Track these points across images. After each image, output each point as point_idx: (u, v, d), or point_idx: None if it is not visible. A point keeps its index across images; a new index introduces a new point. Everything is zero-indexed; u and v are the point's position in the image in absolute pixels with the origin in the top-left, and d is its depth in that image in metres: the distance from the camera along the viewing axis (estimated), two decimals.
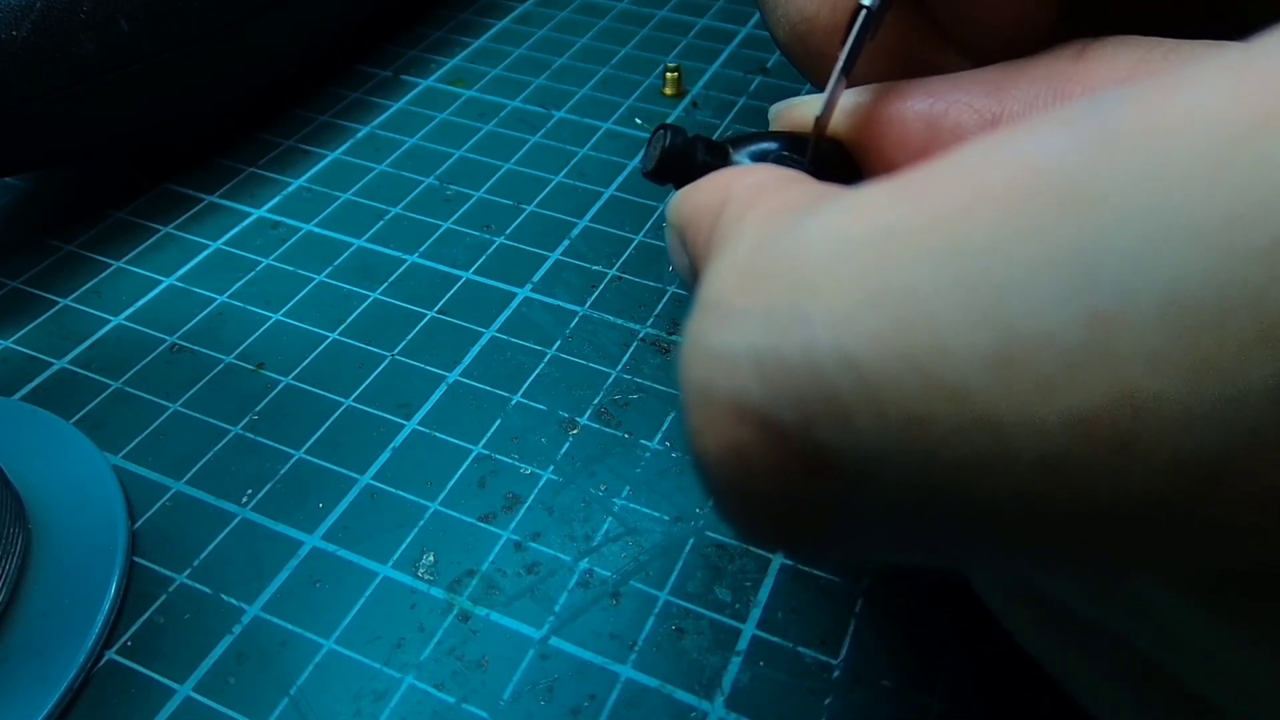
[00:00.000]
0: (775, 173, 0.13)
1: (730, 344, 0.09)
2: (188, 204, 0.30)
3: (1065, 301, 0.07)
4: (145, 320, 0.26)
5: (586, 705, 0.18)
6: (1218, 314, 0.06)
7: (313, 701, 0.18)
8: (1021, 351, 0.07)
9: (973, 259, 0.07)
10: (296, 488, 0.22)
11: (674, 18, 0.40)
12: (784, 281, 0.08)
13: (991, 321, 0.07)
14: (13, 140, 0.26)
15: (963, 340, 0.07)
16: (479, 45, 0.38)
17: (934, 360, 0.07)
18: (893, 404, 0.08)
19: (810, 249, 0.08)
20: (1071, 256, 0.07)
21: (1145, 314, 0.07)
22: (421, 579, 0.20)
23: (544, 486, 0.22)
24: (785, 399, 0.08)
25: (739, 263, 0.09)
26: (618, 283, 0.27)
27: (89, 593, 0.19)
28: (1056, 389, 0.07)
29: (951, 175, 0.08)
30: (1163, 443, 0.07)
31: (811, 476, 0.08)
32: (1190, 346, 0.07)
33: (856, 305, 0.08)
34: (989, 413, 0.07)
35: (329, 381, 0.24)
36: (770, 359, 0.08)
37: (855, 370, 0.08)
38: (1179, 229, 0.07)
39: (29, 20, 0.25)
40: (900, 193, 0.08)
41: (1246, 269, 0.06)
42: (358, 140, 0.33)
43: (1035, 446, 0.07)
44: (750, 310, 0.09)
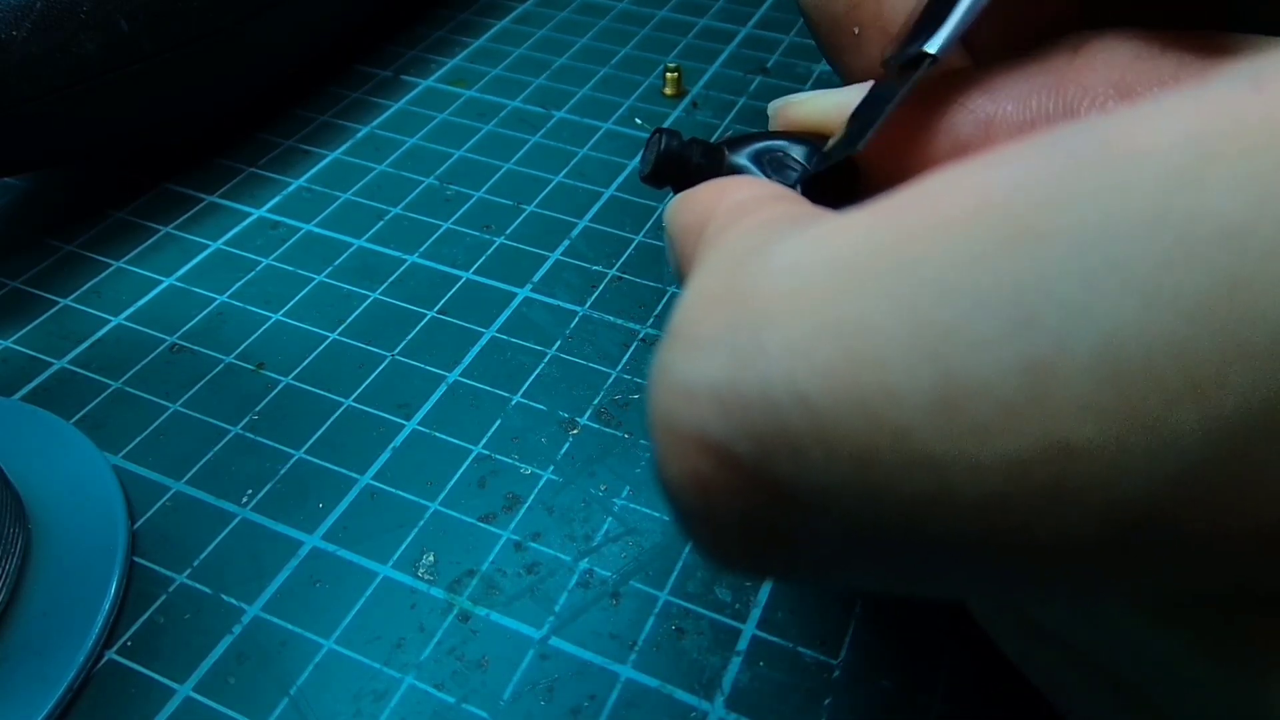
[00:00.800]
0: (760, 190, 0.13)
1: (692, 375, 0.09)
2: (188, 204, 0.30)
3: (1004, 345, 0.07)
4: (145, 320, 0.26)
5: (586, 705, 0.18)
6: (1146, 365, 0.07)
7: (313, 701, 0.18)
8: (961, 396, 0.07)
9: (919, 294, 0.08)
10: (296, 488, 0.22)
11: (674, 18, 0.40)
12: (745, 311, 0.09)
13: (933, 362, 0.07)
14: (13, 140, 0.26)
15: (906, 381, 0.07)
16: (479, 45, 0.38)
17: (878, 399, 0.07)
18: (841, 441, 0.08)
19: (772, 277, 0.09)
20: (1012, 298, 0.07)
21: (1079, 362, 0.07)
22: (421, 579, 0.20)
23: (544, 486, 0.22)
24: (742, 432, 0.08)
25: (707, 289, 0.09)
26: (618, 283, 0.27)
27: (89, 593, 0.19)
28: (994, 434, 0.07)
29: (910, 205, 0.08)
30: (1095, 488, 0.07)
31: (769, 506, 0.09)
32: (1121, 396, 0.07)
33: (810, 337, 0.08)
34: (930, 454, 0.07)
35: (329, 381, 0.24)
36: (728, 392, 0.08)
37: (806, 406, 0.08)
38: (1114, 274, 0.07)
39: (29, 20, 0.25)
40: (862, 221, 0.08)
41: (1174, 320, 0.07)
42: (358, 140, 0.33)
43: (974, 488, 0.07)
44: (712, 341, 0.09)
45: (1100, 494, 0.07)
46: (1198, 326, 0.07)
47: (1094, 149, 0.07)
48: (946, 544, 0.08)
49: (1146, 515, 0.07)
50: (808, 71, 0.36)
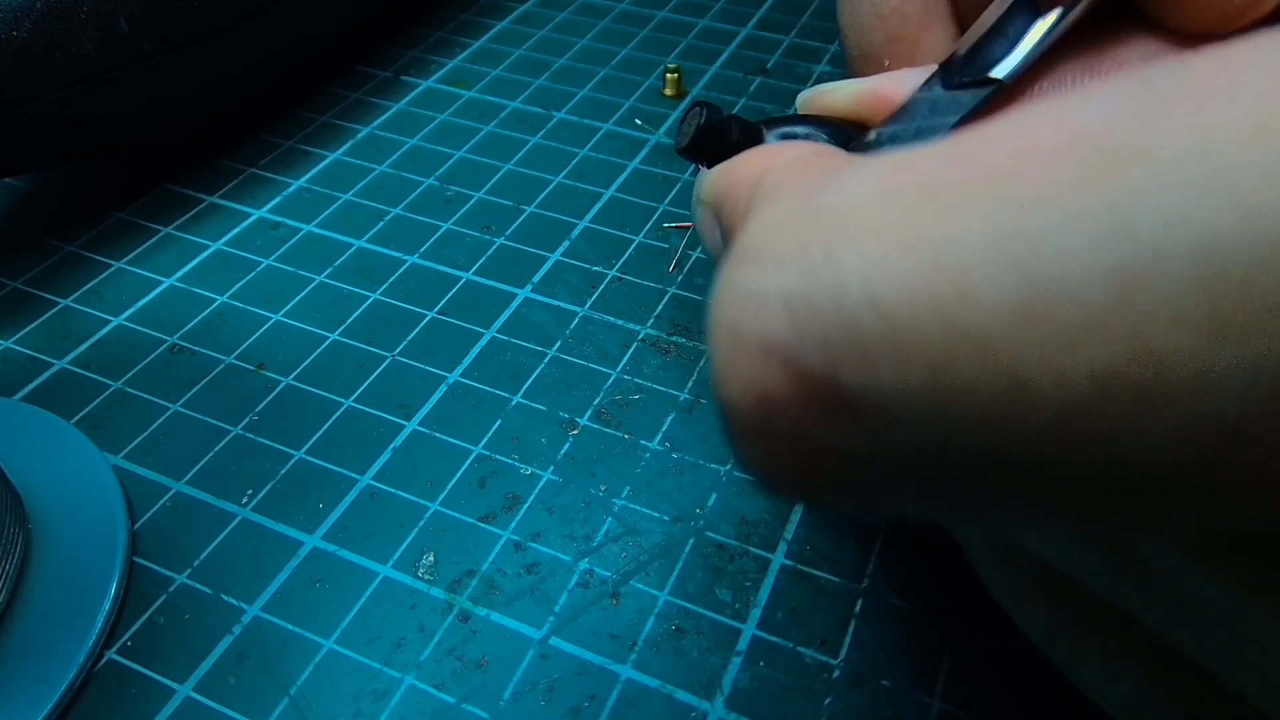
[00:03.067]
0: (814, 148, 0.13)
1: (761, 286, 0.09)
2: (188, 204, 0.30)
3: (1095, 255, 0.07)
4: (145, 320, 0.26)
5: (586, 705, 0.18)
6: (1246, 275, 0.06)
7: (313, 701, 0.18)
8: (1047, 303, 0.07)
9: (1009, 210, 0.07)
10: (296, 488, 0.22)
11: (674, 18, 0.40)
12: (819, 227, 0.08)
13: (1021, 272, 0.07)
14: (13, 140, 0.26)
15: (990, 289, 0.07)
16: (479, 46, 0.38)
17: (960, 308, 0.07)
18: (916, 349, 0.08)
19: (848, 197, 0.08)
20: (1106, 210, 0.07)
21: (1172, 272, 0.07)
22: (421, 579, 0.20)
23: (544, 487, 0.22)
24: (812, 341, 0.08)
25: (777, 214, 0.09)
26: (618, 283, 0.27)
27: (89, 593, 0.19)
28: (1079, 343, 0.07)
29: (997, 136, 0.08)
30: (1182, 401, 0.07)
31: (834, 420, 0.08)
32: (1217, 307, 0.07)
33: (889, 250, 0.08)
34: (1011, 363, 0.07)
35: (329, 382, 0.24)
36: (800, 301, 0.08)
37: (882, 314, 0.08)
38: (1215, 187, 0.07)
39: (29, 20, 0.25)
40: (945, 151, 0.08)
41: (1267, 238, 0.06)
42: (358, 141, 0.33)
43: (1055, 400, 0.07)
44: (784, 254, 0.09)
45: (1188, 408, 0.07)
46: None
47: (1184, 82, 0.07)
48: (1015, 464, 0.08)
49: (1234, 434, 0.07)
50: (808, 72, 0.36)
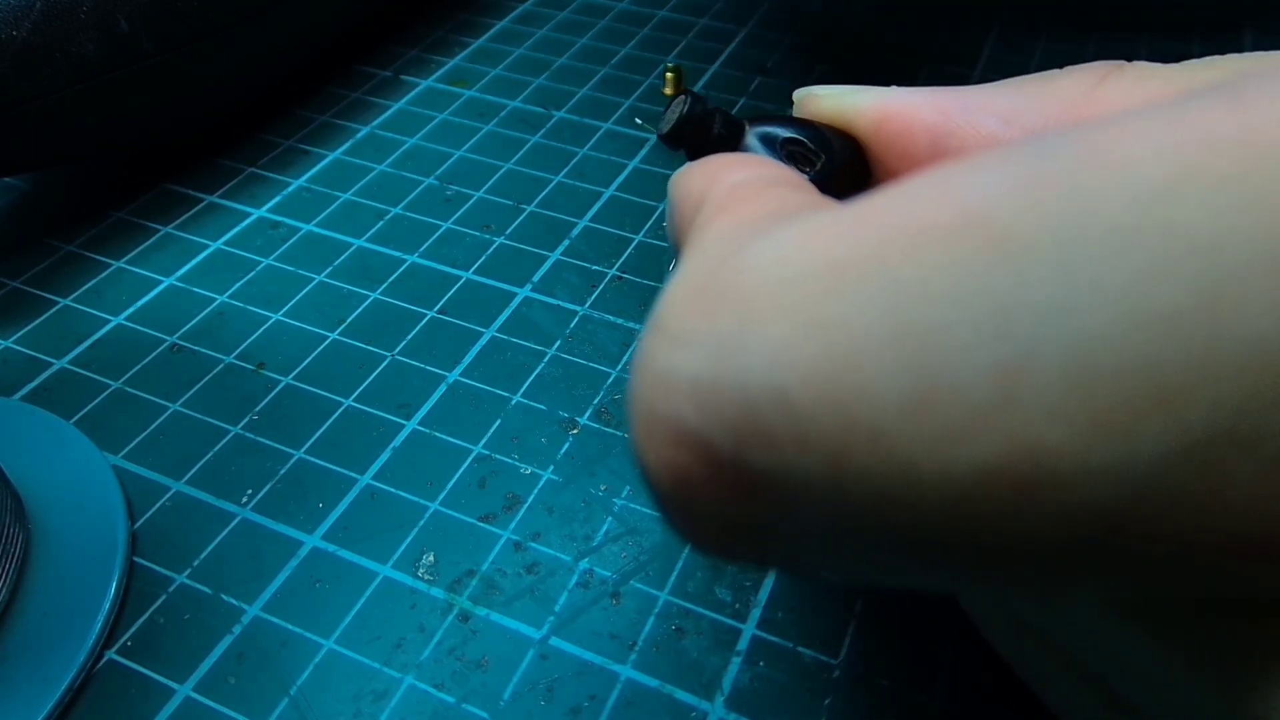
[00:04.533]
0: (761, 171, 0.13)
1: (673, 367, 0.09)
2: (188, 204, 0.30)
3: (979, 350, 0.07)
4: (145, 320, 0.26)
5: (586, 705, 0.18)
6: (1116, 376, 0.07)
7: (313, 701, 0.18)
8: (935, 397, 0.07)
9: (899, 297, 0.08)
10: (296, 488, 0.22)
11: (674, 18, 0.40)
12: (727, 306, 0.09)
13: (910, 364, 0.07)
14: (13, 140, 0.26)
15: (882, 381, 0.08)
16: (479, 45, 0.38)
17: (855, 399, 0.08)
18: (816, 438, 0.08)
19: (756, 274, 0.09)
20: (989, 304, 0.07)
21: (1050, 370, 0.07)
22: (421, 579, 0.20)
23: (544, 486, 0.22)
24: (719, 425, 0.09)
25: (691, 280, 0.09)
26: (618, 282, 0.27)
27: (89, 593, 0.19)
28: (965, 436, 0.07)
29: (895, 208, 0.08)
30: (1061, 493, 0.07)
31: (746, 499, 0.09)
32: (1090, 405, 0.07)
33: (790, 334, 0.08)
34: (902, 454, 0.08)
35: (329, 381, 0.24)
36: (707, 386, 0.09)
37: (784, 403, 0.08)
38: (1088, 285, 0.07)
39: (29, 20, 0.25)
40: (848, 222, 0.09)
41: (1145, 333, 0.07)
42: (358, 140, 0.33)
43: (944, 488, 0.07)
44: (694, 333, 0.09)
45: (1066, 499, 0.07)
46: (1169, 340, 0.07)
47: (1072, 159, 0.08)
48: (915, 541, 0.08)
49: (1111, 521, 0.07)
50: (808, 72, 0.36)
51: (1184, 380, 0.07)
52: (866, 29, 0.39)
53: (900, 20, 0.39)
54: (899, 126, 0.15)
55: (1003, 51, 0.37)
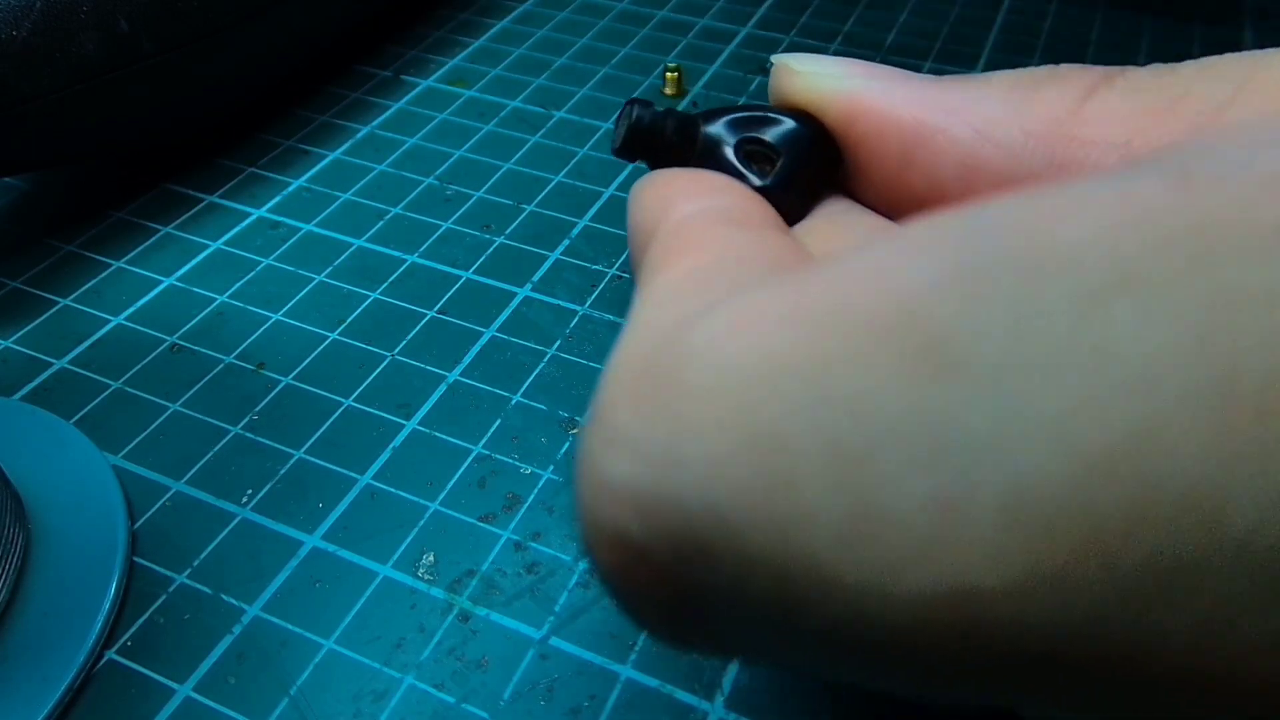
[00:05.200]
0: (712, 201, 0.12)
1: (612, 474, 0.09)
2: (188, 204, 0.30)
3: (914, 480, 0.07)
4: (145, 320, 0.26)
5: (586, 705, 0.18)
6: (1050, 517, 0.06)
7: (313, 701, 0.18)
8: (871, 529, 0.07)
9: (831, 414, 0.07)
10: (296, 488, 0.22)
11: (674, 18, 0.40)
12: (665, 408, 0.08)
13: (845, 491, 0.07)
14: (13, 140, 0.26)
15: (819, 507, 0.07)
16: (479, 45, 0.38)
17: (792, 524, 0.07)
18: (755, 560, 0.08)
19: (693, 370, 0.08)
20: (923, 428, 0.07)
21: (986, 506, 0.07)
22: (421, 579, 0.20)
23: (544, 486, 0.22)
24: (659, 538, 0.08)
25: (633, 359, 0.09)
26: (618, 282, 0.27)
27: (89, 593, 0.19)
28: (903, 570, 0.07)
29: (832, 293, 0.08)
30: (1000, 632, 0.07)
31: (689, 604, 0.09)
32: (1026, 546, 0.06)
33: (726, 450, 0.08)
34: (841, 582, 0.07)
35: (329, 381, 0.24)
36: (646, 498, 0.08)
37: (722, 523, 0.08)
38: (1020, 413, 0.07)
39: (29, 20, 0.25)
40: (786, 307, 0.08)
41: (1079, 471, 0.06)
42: (358, 140, 0.33)
43: (882, 620, 0.07)
44: (632, 437, 0.09)
45: (1004, 637, 0.07)
46: (1103, 480, 0.06)
47: (1012, 248, 0.07)
48: (859, 659, 0.08)
49: (1050, 660, 0.07)
50: None
51: (1120, 527, 0.06)
52: (866, 28, 0.39)
53: (900, 19, 0.39)
54: (869, 128, 0.14)
55: (1002, 57, 0.37)
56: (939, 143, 0.13)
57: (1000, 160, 0.12)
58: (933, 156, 0.13)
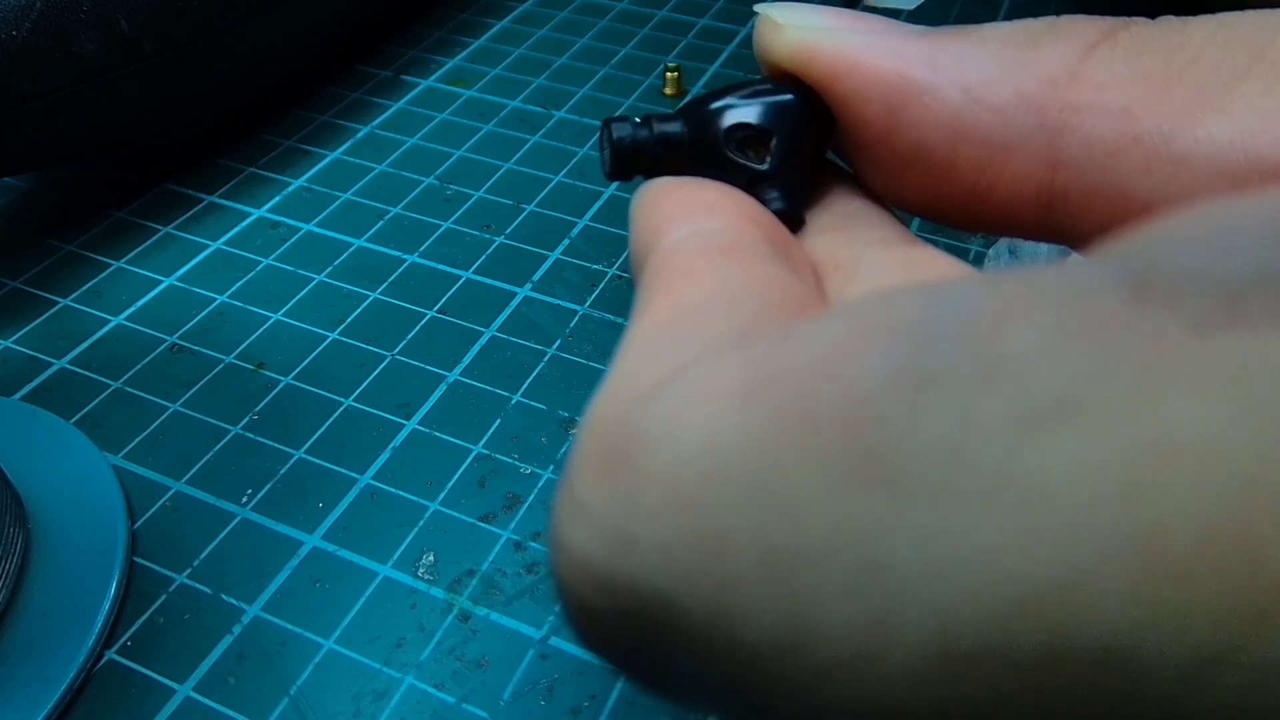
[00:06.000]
0: (705, 224, 0.12)
1: (575, 545, 0.09)
2: (188, 204, 0.30)
3: (846, 596, 0.07)
4: (145, 320, 0.26)
5: (586, 705, 0.18)
6: (974, 655, 0.06)
7: (313, 701, 0.18)
8: (803, 640, 0.07)
9: (771, 516, 0.07)
10: (296, 488, 0.22)
11: (674, 18, 0.40)
12: (623, 486, 0.08)
13: (782, 598, 0.07)
14: (13, 140, 0.26)
15: (758, 610, 0.07)
16: (479, 45, 0.38)
17: (735, 622, 0.07)
18: (701, 646, 0.08)
19: (652, 448, 0.08)
20: (857, 545, 0.07)
21: (912, 635, 0.06)
22: (421, 579, 0.20)
23: (544, 486, 0.22)
24: (616, 612, 0.09)
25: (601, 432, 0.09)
26: (618, 281, 0.27)
27: (89, 593, 0.19)
28: (833, 683, 0.07)
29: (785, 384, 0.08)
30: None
31: (646, 669, 0.09)
32: (951, 683, 0.06)
33: (676, 542, 0.08)
34: (780, 684, 0.07)
35: (329, 381, 0.24)
36: (604, 578, 0.09)
37: (672, 611, 0.08)
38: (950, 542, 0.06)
39: (29, 20, 0.25)
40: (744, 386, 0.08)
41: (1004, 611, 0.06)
42: (358, 140, 0.33)
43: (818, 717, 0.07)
44: (593, 509, 0.09)
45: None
46: (1023, 622, 0.06)
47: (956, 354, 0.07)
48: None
49: None
50: None
51: (1040, 671, 0.06)
52: None
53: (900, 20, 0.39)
54: (853, 86, 0.12)
55: None
56: (925, 104, 0.12)
57: (991, 124, 0.12)
58: (919, 118, 0.12)
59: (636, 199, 0.13)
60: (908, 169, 0.13)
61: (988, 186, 0.12)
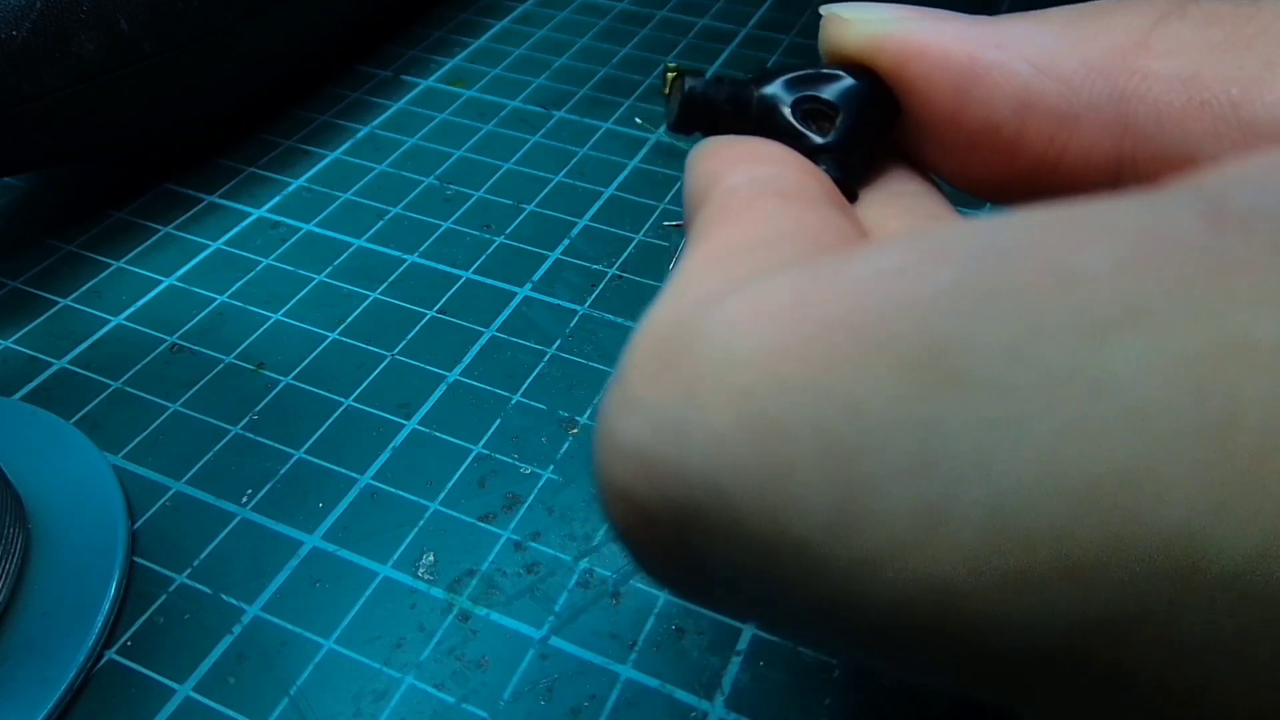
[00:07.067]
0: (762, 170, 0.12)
1: (624, 435, 0.09)
2: (188, 204, 0.30)
3: (900, 485, 0.07)
4: (145, 320, 0.26)
5: (586, 705, 0.18)
6: (1028, 538, 0.07)
7: (313, 701, 0.18)
8: (857, 523, 0.07)
9: (831, 410, 0.07)
10: (296, 488, 0.22)
11: (674, 18, 0.40)
12: (678, 379, 0.09)
13: (836, 484, 0.07)
14: (13, 140, 0.26)
15: (811, 497, 0.07)
16: (479, 45, 0.38)
17: (784, 509, 0.08)
18: (748, 537, 0.08)
19: (709, 346, 0.09)
20: (914, 435, 0.07)
21: (967, 517, 0.07)
22: (421, 579, 0.20)
23: (544, 486, 0.22)
24: (661, 504, 0.09)
25: (654, 331, 0.09)
26: (618, 282, 0.27)
27: (89, 593, 0.19)
28: (882, 566, 0.07)
29: (844, 290, 0.08)
30: (973, 635, 0.07)
31: (689, 565, 0.09)
32: (1002, 561, 0.07)
33: (730, 429, 0.08)
34: (826, 569, 0.07)
35: (329, 381, 0.24)
36: (654, 467, 0.09)
37: (720, 497, 0.08)
38: (1012, 433, 0.07)
39: (29, 20, 0.25)
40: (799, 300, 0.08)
41: (1060, 497, 0.06)
42: (358, 140, 0.33)
43: (863, 608, 0.07)
44: (645, 402, 0.09)
45: (978, 641, 0.07)
46: (1083, 513, 0.06)
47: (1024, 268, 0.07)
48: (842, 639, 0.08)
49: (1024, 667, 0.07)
50: None
51: (1096, 558, 0.06)
52: None
53: None
54: (921, 69, 0.13)
55: None
56: (994, 78, 0.12)
57: (1058, 95, 0.12)
58: (988, 93, 0.12)
59: (697, 149, 0.13)
60: (976, 147, 0.13)
61: (1056, 157, 0.12)
